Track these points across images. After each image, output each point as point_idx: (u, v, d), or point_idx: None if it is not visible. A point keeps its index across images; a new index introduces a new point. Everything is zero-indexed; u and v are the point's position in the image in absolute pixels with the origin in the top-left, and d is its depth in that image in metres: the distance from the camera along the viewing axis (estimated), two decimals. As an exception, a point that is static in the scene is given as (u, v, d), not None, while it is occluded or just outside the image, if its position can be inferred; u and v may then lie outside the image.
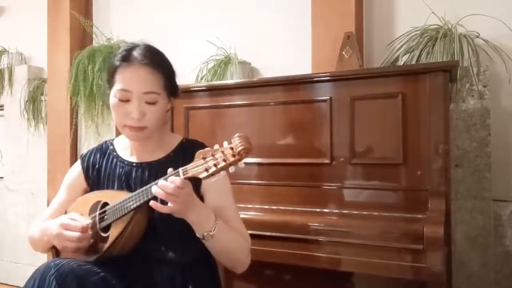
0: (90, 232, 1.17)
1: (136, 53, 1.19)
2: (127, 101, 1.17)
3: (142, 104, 1.17)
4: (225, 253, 1.18)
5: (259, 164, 1.80)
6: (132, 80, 1.17)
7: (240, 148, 0.96)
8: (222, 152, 0.99)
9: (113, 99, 1.20)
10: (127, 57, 1.19)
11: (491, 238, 1.80)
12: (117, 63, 1.20)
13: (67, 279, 1.01)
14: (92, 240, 1.18)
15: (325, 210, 1.65)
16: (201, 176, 1.02)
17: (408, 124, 1.57)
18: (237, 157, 0.97)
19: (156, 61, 1.20)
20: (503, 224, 1.85)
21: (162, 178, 1.07)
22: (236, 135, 0.98)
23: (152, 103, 1.18)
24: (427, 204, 1.48)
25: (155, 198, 1.08)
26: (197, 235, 1.12)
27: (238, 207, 1.29)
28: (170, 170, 1.08)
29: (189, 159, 1.07)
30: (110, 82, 1.22)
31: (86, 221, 1.18)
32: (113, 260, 1.15)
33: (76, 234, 1.14)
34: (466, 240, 1.81)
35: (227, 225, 1.17)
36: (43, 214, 1.36)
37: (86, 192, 1.33)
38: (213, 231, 1.11)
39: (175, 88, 1.27)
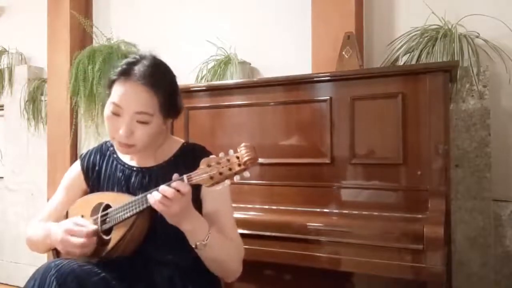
0: (95, 238, 1.16)
1: (136, 69, 1.16)
2: (119, 115, 1.16)
3: (133, 122, 1.15)
4: (217, 262, 1.18)
5: (259, 164, 1.79)
6: (126, 97, 1.15)
7: (246, 158, 0.96)
8: (228, 160, 0.98)
9: (106, 110, 1.18)
10: (126, 72, 1.16)
11: (491, 238, 1.80)
12: (115, 76, 1.17)
13: (67, 280, 1.01)
14: (95, 245, 1.17)
15: (325, 210, 1.65)
16: (205, 184, 1.02)
17: (408, 124, 1.57)
18: (242, 166, 0.97)
19: (155, 81, 1.15)
20: (503, 224, 1.85)
21: (166, 184, 1.06)
22: (243, 144, 0.98)
23: (144, 123, 1.15)
24: (427, 204, 1.48)
25: None
26: (190, 243, 1.12)
27: (239, 207, 1.29)
28: (175, 175, 1.07)
29: (191, 163, 1.07)
30: (108, 92, 1.20)
31: (92, 226, 1.16)
32: (114, 261, 1.15)
33: (81, 240, 1.13)
34: (466, 240, 1.82)
35: (220, 234, 1.17)
36: (41, 214, 1.35)
37: (85, 193, 1.32)
38: (206, 240, 1.11)
39: (175, 109, 1.23)
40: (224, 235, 1.18)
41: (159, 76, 1.18)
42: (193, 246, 1.12)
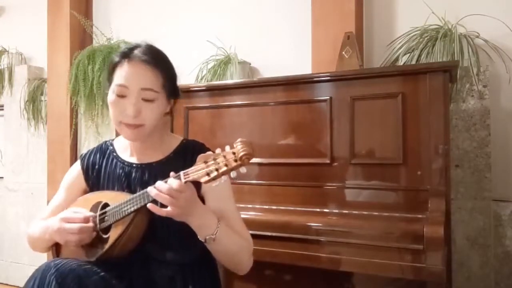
0: (91, 223, 1.17)
1: (137, 51, 1.19)
2: (124, 97, 1.17)
3: (139, 101, 1.16)
4: (227, 256, 1.18)
5: (259, 164, 1.80)
6: (131, 76, 1.16)
7: (242, 154, 0.95)
8: (224, 156, 0.98)
9: (111, 95, 1.19)
10: (127, 54, 1.19)
11: (491, 238, 1.80)
12: (117, 59, 1.20)
13: (67, 279, 1.02)
14: (94, 233, 1.18)
15: (325, 210, 1.65)
16: (202, 180, 1.01)
17: (408, 124, 1.57)
18: (239, 162, 0.96)
19: (157, 59, 1.19)
20: (503, 224, 1.85)
21: (163, 181, 1.06)
22: (239, 140, 0.97)
23: (150, 101, 1.17)
24: (427, 204, 1.48)
25: (155, 201, 1.07)
26: (200, 238, 1.12)
27: (239, 207, 1.29)
28: (172, 174, 1.07)
29: (190, 160, 1.06)
30: (110, 79, 1.22)
31: (88, 212, 1.18)
32: (113, 260, 1.15)
33: (78, 225, 1.14)
34: (466, 240, 1.82)
35: (229, 227, 1.17)
36: (42, 213, 1.36)
37: (85, 192, 1.32)
38: (215, 234, 1.11)
39: (176, 90, 1.26)
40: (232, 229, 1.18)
41: (159, 57, 1.22)
42: (203, 240, 1.12)
